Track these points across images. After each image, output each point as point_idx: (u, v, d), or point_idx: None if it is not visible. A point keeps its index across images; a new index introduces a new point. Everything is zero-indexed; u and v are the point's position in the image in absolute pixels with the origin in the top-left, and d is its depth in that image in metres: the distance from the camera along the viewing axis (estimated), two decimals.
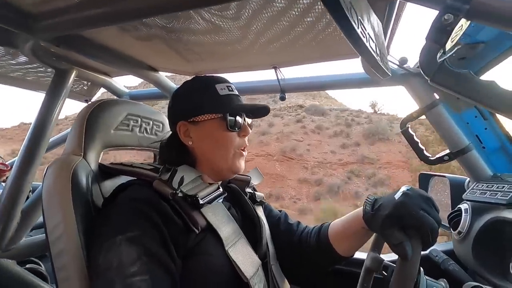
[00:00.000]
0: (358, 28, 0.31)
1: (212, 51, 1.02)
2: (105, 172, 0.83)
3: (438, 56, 0.43)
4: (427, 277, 0.67)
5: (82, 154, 0.78)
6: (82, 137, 0.80)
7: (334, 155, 17.25)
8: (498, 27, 0.40)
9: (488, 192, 0.89)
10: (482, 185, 0.95)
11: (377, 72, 0.42)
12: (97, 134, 0.82)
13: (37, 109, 1.15)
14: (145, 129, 0.99)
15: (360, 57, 0.93)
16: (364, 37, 0.33)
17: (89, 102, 1.55)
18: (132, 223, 0.61)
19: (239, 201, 0.88)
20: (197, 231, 0.66)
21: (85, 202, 0.72)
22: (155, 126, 1.02)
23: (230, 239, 0.72)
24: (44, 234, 0.72)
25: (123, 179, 0.81)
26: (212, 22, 0.81)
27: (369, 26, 0.37)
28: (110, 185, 0.81)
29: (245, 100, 0.90)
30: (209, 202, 0.72)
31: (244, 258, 0.72)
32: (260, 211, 0.92)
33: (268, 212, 0.97)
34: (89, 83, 1.46)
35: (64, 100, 1.18)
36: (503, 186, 0.87)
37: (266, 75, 1.29)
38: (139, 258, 0.57)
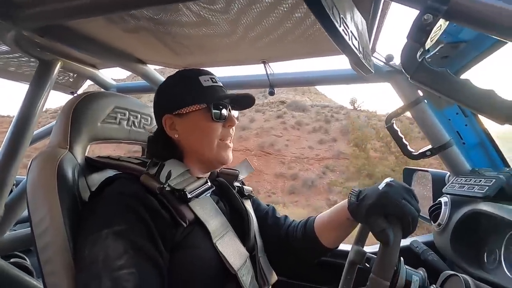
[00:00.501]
0: (340, 26, 0.32)
1: (201, 44, 1.02)
2: (91, 165, 0.82)
3: (418, 54, 0.45)
4: (407, 267, 0.71)
5: (68, 147, 0.77)
6: (68, 129, 0.79)
7: (311, 150, 17.81)
8: (474, 29, 0.41)
9: (466, 186, 0.93)
10: (461, 179, 0.99)
11: (360, 70, 0.44)
12: (83, 127, 0.81)
13: (18, 101, 1.12)
14: (133, 122, 0.98)
15: None
16: (346, 35, 0.34)
17: (75, 94, 1.53)
18: (119, 217, 0.61)
19: (227, 194, 0.89)
20: (184, 225, 0.67)
21: (71, 196, 0.71)
22: (143, 120, 1.01)
23: (218, 232, 0.73)
24: (28, 228, 0.71)
25: (110, 172, 0.81)
26: (201, 15, 0.81)
27: (352, 24, 0.38)
28: (97, 178, 0.80)
29: None
30: (197, 196, 0.72)
31: (232, 250, 0.73)
32: (248, 205, 0.93)
33: (256, 206, 0.99)
34: (75, 75, 1.42)
35: (49, 92, 1.15)
36: (480, 180, 0.91)
37: (255, 70, 1.30)
38: (125, 251, 0.57)
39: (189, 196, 0.69)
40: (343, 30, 0.33)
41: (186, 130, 0.80)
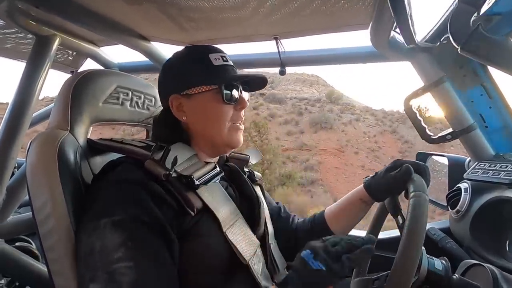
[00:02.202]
0: None
1: (209, 19, 0.94)
2: (94, 148, 0.77)
3: (472, 20, 0.39)
4: (428, 256, 0.67)
5: (69, 128, 0.72)
6: (67, 110, 0.73)
7: (278, 141, 18.74)
8: None
9: (491, 171, 0.88)
10: (485, 165, 0.94)
11: (404, 37, 0.38)
12: (84, 107, 0.76)
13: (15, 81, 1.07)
14: (136, 103, 0.93)
15: (369, 28, 0.87)
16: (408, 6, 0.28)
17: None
18: (119, 206, 0.57)
19: (237, 180, 0.85)
20: (192, 213, 0.63)
21: (74, 179, 0.67)
22: (147, 100, 0.96)
23: (228, 220, 0.69)
24: None
25: (114, 155, 0.76)
26: None
27: None
28: (100, 161, 0.76)
29: None
30: (205, 182, 0.67)
31: (243, 239, 0.70)
32: (258, 191, 0.90)
33: (264, 193, 0.96)
34: (74, 53, 1.35)
35: (47, 71, 1.09)
36: (506, 166, 0.86)
37: (264, 49, 1.22)
38: (124, 243, 0.53)
39: (196, 182, 0.65)
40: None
41: (194, 112, 0.75)
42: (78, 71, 1.45)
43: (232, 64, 0.79)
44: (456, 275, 0.68)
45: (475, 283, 0.66)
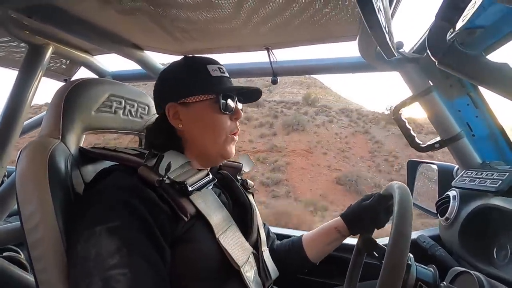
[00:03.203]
0: (379, 13, 0.28)
1: (202, 29, 0.96)
2: (86, 156, 0.77)
3: (448, 36, 0.41)
4: (416, 263, 0.68)
5: (60, 136, 0.72)
6: (59, 118, 0.73)
7: (250, 143, 19.16)
8: None
9: (478, 179, 0.90)
10: (472, 173, 0.95)
11: (383, 51, 0.39)
12: (76, 115, 0.76)
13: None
14: (130, 111, 0.93)
15: (357, 39, 0.89)
16: (377, 10, 0.30)
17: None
18: (114, 213, 0.57)
19: (230, 187, 0.86)
20: (186, 219, 0.63)
21: (64, 188, 0.67)
22: (140, 109, 0.97)
23: (221, 226, 0.70)
24: None
25: (106, 164, 0.76)
26: None
27: (380, 2, 0.34)
28: (92, 170, 0.76)
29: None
30: (199, 189, 0.68)
31: (236, 245, 0.70)
32: (251, 198, 0.90)
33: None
34: (67, 61, 1.35)
35: (40, 79, 1.09)
36: (492, 174, 0.88)
37: (257, 58, 1.24)
38: (119, 250, 0.53)
39: (190, 188, 0.65)
40: (377, 8, 0.28)
41: (191, 120, 0.76)
42: (72, 79, 1.47)
43: (228, 76, 0.81)
44: (444, 283, 0.68)
45: None
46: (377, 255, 0.78)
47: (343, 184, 16.34)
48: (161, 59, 1.28)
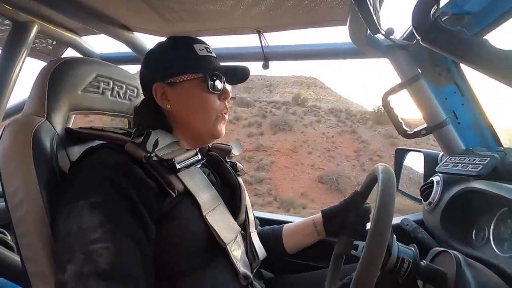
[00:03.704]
0: None
1: (192, 10, 0.94)
2: (73, 136, 0.77)
3: (431, 12, 0.41)
4: (398, 243, 0.70)
5: (46, 115, 0.71)
6: (44, 96, 0.72)
7: None
8: None
9: (460, 164, 0.93)
10: (455, 158, 0.98)
11: (368, 27, 0.39)
12: (62, 94, 0.75)
13: None
14: (118, 93, 0.92)
15: (347, 24, 0.90)
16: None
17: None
18: (97, 188, 0.57)
19: (219, 168, 0.87)
20: (174, 195, 0.64)
21: (49, 166, 0.66)
22: (128, 91, 0.96)
23: (209, 205, 0.70)
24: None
25: (94, 144, 0.75)
26: None
27: None
28: (79, 150, 0.76)
29: None
30: (187, 166, 0.69)
31: (223, 224, 0.71)
32: (240, 180, 0.91)
33: None
34: (54, 42, 1.32)
35: (24, 59, 1.06)
36: (474, 159, 0.90)
37: (248, 43, 1.23)
38: (101, 224, 0.53)
39: (178, 166, 0.66)
40: None
41: (179, 100, 0.76)
42: None
43: (215, 55, 0.80)
44: (424, 261, 0.71)
45: (440, 268, 0.70)
46: (356, 252, 0.78)
47: (324, 183, 16.62)
48: (151, 42, 1.26)
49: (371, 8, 0.36)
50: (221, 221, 0.71)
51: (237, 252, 0.73)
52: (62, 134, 0.74)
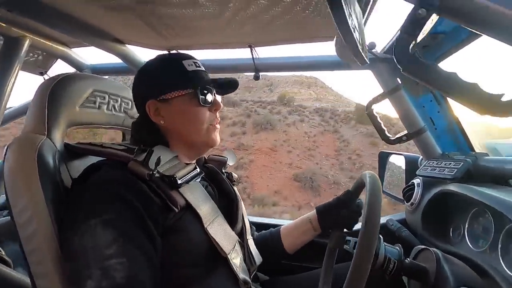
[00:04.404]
0: (349, 19, 0.33)
1: (186, 26, 0.98)
2: (71, 152, 0.79)
3: (410, 47, 0.48)
4: (385, 243, 0.77)
5: (46, 132, 0.73)
6: (44, 114, 0.74)
7: (220, 142, 20.04)
8: (464, 25, 0.44)
9: (437, 168, 1.02)
10: (433, 162, 1.07)
11: (357, 60, 0.45)
12: (61, 111, 0.77)
13: None
14: (113, 106, 0.94)
15: (334, 40, 0.96)
16: (353, 28, 0.36)
17: (44, 75, 1.42)
18: (107, 206, 0.60)
19: (216, 179, 0.90)
20: (176, 210, 0.67)
21: (54, 183, 0.68)
22: (123, 104, 0.97)
23: (209, 216, 0.74)
24: (2, 217, 0.67)
25: (92, 159, 0.78)
26: None
27: (355, 16, 0.40)
28: (78, 165, 0.78)
29: None
30: (187, 181, 0.72)
31: (222, 234, 0.75)
32: (236, 190, 0.95)
33: None
34: (44, 53, 1.31)
35: (17, 73, 1.06)
36: (450, 163, 1.00)
37: (240, 54, 1.27)
38: (115, 240, 0.56)
39: (179, 181, 0.69)
40: (351, 23, 0.34)
41: (172, 116, 0.79)
42: (48, 72, 1.42)
43: (204, 69, 0.83)
44: (408, 259, 0.78)
45: (422, 264, 0.78)
46: (348, 247, 0.85)
47: (299, 181, 17.00)
48: (144, 54, 1.28)
49: (359, 46, 0.41)
50: (220, 232, 0.75)
51: (236, 259, 0.77)
52: (62, 150, 0.76)
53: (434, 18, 0.47)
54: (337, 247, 0.92)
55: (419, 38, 0.90)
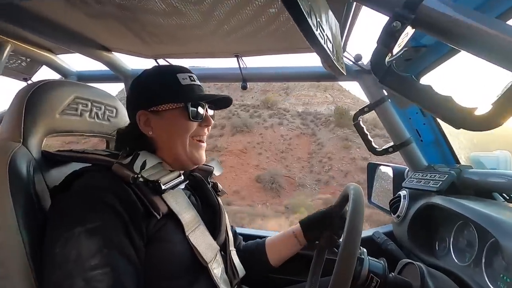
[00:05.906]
0: (316, 30, 0.32)
1: (172, 34, 0.97)
2: (50, 160, 0.76)
3: (386, 59, 0.47)
4: (369, 257, 0.76)
5: (22, 140, 0.71)
6: (21, 121, 0.72)
7: None
8: (438, 38, 0.44)
9: (423, 180, 1.01)
10: (418, 174, 1.07)
11: (333, 71, 0.45)
12: (39, 118, 0.75)
13: None
14: (96, 114, 0.92)
15: None
16: (322, 38, 0.35)
17: (29, 81, 1.40)
18: (92, 213, 0.59)
19: (201, 189, 0.89)
20: (158, 217, 0.66)
21: (26, 193, 0.65)
22: (107, 111, 0.95)
23: (191, 225, 0.73)
24: None
25: (72, 167, 0.75)
26: (172, 4, 0.78)
27: (327, 27, 0.39)
28: (56, 174, 0.75)
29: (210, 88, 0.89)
30: (171, 188, 0.71)
31: (204, 243, 0.73)
32: (220, 201, 0.93)
33: None
34: (28, 59, 1.29)
35: None
36: (435, 175, 0.99)
37: (229, 64, 1.27)
38: (99, 250, 0.55)
39: (163, 187, 0.68)
40: (319, 34, 0.33)
41: (161, 127, 0.78)
42: (32, 78, 1.40)
43: (199, 84, 0.83)
44: (392, 273, 0.77)
45: (406, 279, 0.76)
46: (337, 250, 0.85)
47: (260, 182, 17.29)
48: (131, 62, 1.27)
49: (333, 57, 0.41)
50: (201, 241, 0.73)
51: (217, 270, 0.75)
52: (39, 158, 0.73)
53: (409, 31, 0.47)
54: (327, 246, 0.92)
55: (402, 51, 0.92)
